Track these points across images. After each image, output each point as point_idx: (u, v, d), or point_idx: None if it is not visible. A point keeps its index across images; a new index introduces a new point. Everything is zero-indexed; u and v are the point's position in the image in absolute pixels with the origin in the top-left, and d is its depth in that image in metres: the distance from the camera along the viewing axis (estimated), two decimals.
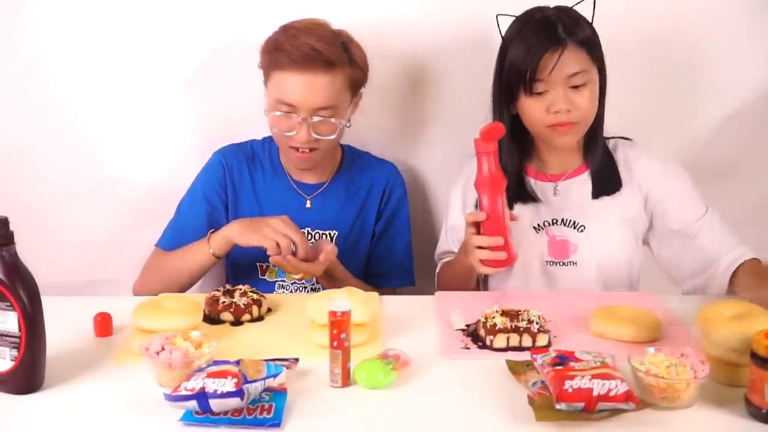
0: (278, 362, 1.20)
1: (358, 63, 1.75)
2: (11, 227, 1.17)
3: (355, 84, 1.77)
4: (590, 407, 1.08)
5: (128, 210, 2.07)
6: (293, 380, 1.21)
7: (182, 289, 1.74)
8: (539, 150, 1.76)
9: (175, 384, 1.12)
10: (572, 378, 1.10)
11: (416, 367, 1.27)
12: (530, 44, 1.60)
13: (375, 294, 1.54)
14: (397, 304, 1.59)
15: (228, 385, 1.08)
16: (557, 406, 1.08)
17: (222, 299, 1.47)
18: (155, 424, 1.12)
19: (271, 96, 1.74)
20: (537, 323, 1.34)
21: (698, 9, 1.95)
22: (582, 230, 1.72)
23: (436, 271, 1.85)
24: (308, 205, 1.88)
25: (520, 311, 1.38)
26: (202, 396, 1.08)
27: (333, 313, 1.20)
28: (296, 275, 1.69)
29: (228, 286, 1.53)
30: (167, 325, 1.29)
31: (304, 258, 1.63)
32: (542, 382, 1.17)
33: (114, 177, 2.05)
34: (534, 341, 1.33)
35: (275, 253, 1.61)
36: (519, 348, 1.32)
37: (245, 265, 1.86)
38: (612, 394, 1.08)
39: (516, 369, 1.25)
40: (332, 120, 1.73)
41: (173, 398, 1.09)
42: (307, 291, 1.86)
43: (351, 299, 1.31)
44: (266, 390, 1.15)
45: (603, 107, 1.69)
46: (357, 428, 1.13)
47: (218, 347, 1.24)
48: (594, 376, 1.10)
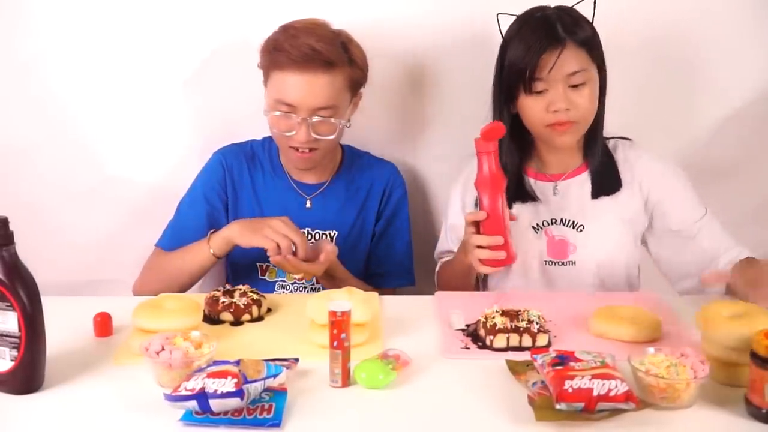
0: (278, 362, 1.20)
1: (358, 63, 1.75)
2: (11, 227, 1.17)
3: (355, 84, 1.77)
4: (590, 407, 1.08)
5: (128, 210, 2.07)
6: (293, 380, 1.21)
7: (182, 289, 1.74)
8: (539, 150, 1.76)
9: (175, 384, 1.12)
10: (572, 378, 1.10)
11: (416, 367, 1.26)
12: (530, 43, 1.60)
13: (375, 294, 1.54)
14: (397, 304, 1.59)
15: (228, 385, 1.08)
16: (557, 406, 1.08)
17: (222, 299, 1.47)
18: (155, 424, 1.12)
19: (271, 96, 1.74)
20: (537, 323, 1.34)
21: (699, 9, 1.95)
22: (581, 230, 1.72)
23: (436, 270, 1.85)
24: (308, 205, 1.88)
25: (520, 311, 1.38)
26: (202, 396, 1.08)
27: (333, 313, 1.20)
28: (296, 275, 1.69)
29: (228, 286, 1.53)
30: (167, 325, 1.29)
31: (305, 258, 1.63)
32: (542, 382, 1.17)
33: (114, 177, 2.05)
34: (534, 341, 1.33)
35: (275, 254, 1.60)
36: (519, 348, 1.32)
37: (245, 265, 1.86)
38: (612, 394, 1.08)
39: (516, 369, 1.25)
40: (332, 120, 1.72)
41: (173, 398, 1.09)
42: (307, 291, 1.86)
43: (351, 299, 1.31)
44: (266, 390, 1.15)
45: (603, 107, 1.69)
46: (357, 428, 1.13)
47: (218, 347, 1.24)
48: (594, 376, 1.10)
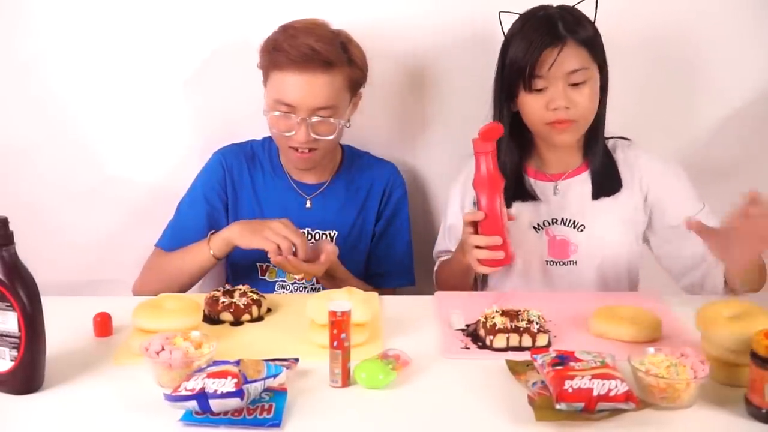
0: (278, 362, 1.20)
1: (357, 63, 1.75)
2: (11, 227, 1.17)
3: (355, 84, 1.77)
4: (590, 407, 1.08)
5: (128, 210, 2.07)
6: (293, 380, 1.21)
7: (182, 290, 1.74)
8: (539, 149, 1.76)
9: (175, 384, 1.12)
10: (572, 378, 1.10)
11: (416, 367, 1.26)
12: (531, 40, 1.60)
13: (375, 294, 1.54)
14: (397, 304, 1.59)
15: (228, 386, 1.08)
16: (557, 406, 1.08)
17: (222, 299, 1.47)
18: (155, 424, 1.12)
19: (270, 96, 1.74)
20: (537, 323, 1.34)
21: (699, 9, 1.95)
22: (582, 230, 1.72)
23: (434, 270, 1.85)
24: (308, 205, 1.88)
25: (520, 311, 1.38)
26: (202, 396, 1.08)
27: (333, 313, 1.20)
28: (297, 275, 1.69)
29: (228, 286, 1.53)
30: (167, 325, 1.29)
31: (305, 259, 1.63)
32: (542, 382, 1.17)
33: (114, 177, 2.05)
34: (534, 341, 1.33)
35: (276, 256, 1.60)
36: (519, 348, 1.32)
37: (245, 266, 1.86)
38: (612, 394, 1.08)
39: (516, 369, 1.25)
40: (331, 120, 1.72)
41: (173, 398, 1.09)
42: (307, 291, 1.86)
43: (351, 299, 1.31)
44: (266, 390, 1.15)
45: (604, 107, 1.69)
46: (357, 428, 1.13)
47: (218, 347, 1.24)
48: (594, 376, 1.10)
